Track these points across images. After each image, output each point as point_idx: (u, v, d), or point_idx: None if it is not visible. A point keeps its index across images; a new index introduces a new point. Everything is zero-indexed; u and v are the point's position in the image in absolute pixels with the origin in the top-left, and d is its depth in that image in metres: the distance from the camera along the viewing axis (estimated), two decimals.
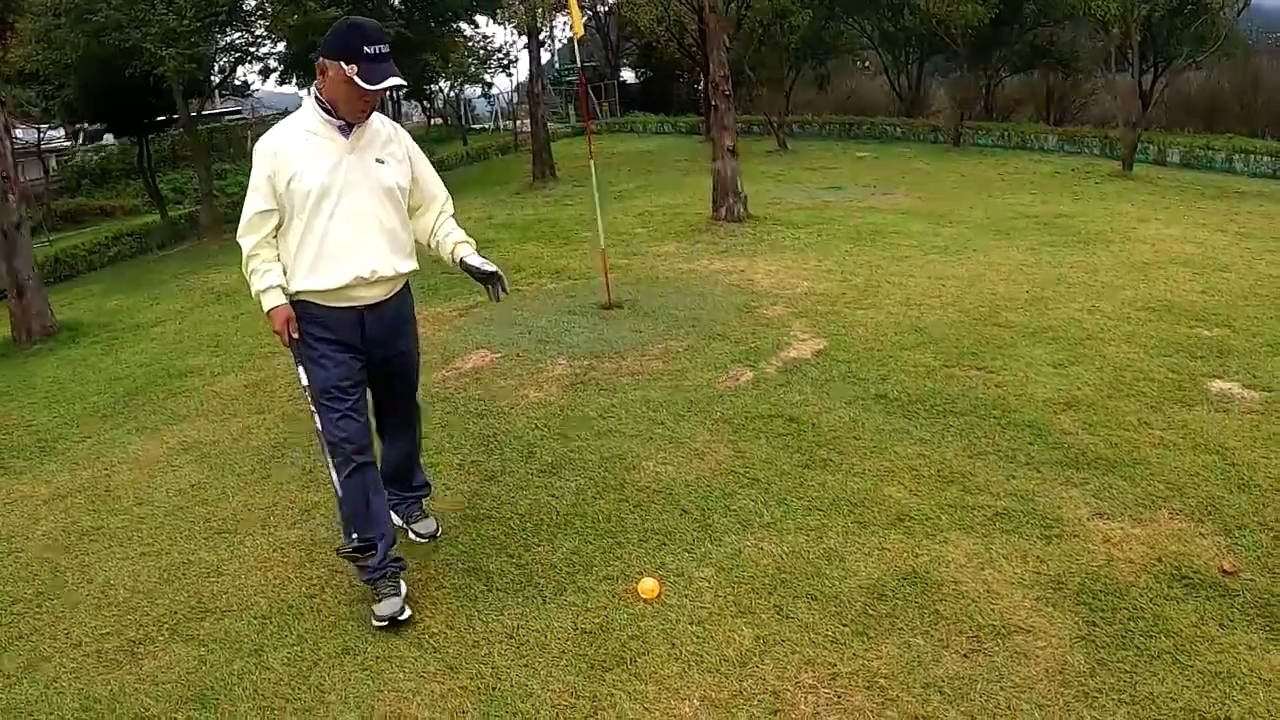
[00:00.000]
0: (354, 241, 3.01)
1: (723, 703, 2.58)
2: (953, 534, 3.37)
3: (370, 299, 3.11)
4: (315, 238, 2.98)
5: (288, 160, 2.94)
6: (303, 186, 2.93)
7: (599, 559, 3.36)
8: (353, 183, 3.00)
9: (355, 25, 2.89)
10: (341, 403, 3.08)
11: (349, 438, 3.07)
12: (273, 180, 2.95)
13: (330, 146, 2.98)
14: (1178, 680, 2.57)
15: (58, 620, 3.40)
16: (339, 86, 2.91)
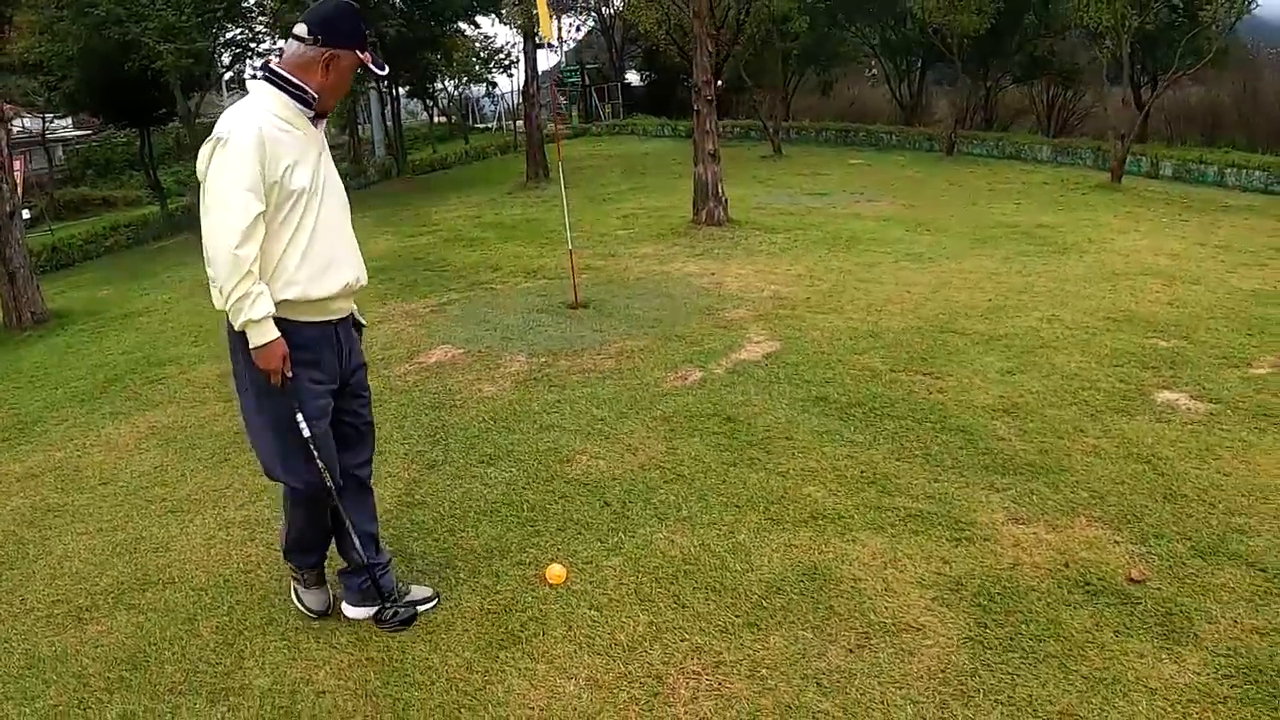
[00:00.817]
0: (336, 245, 2.76)
1: (607, 684, 2.68)
2: (863, 533, 3.46)
3: (343, 313, 2.86)
4: (304, 242, 2.65)
5: (276, 154, 2.56)
6: (295, 184, 2.61)
7: (516, 546, 3.47)
8: (330, 183, 2.77)
9: (355, 9, 2.69)
10: (326, 441, 2.81)
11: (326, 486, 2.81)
12: (262, 175, 2.55)
13: (306, 141, 2.67)
14: (1060, 684, 2.63)
15: (14, 588, 3.58)
16: (344, 76, 2.70)
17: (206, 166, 2.57)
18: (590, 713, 2.58)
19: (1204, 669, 2.66)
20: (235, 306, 2.56)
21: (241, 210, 2.52)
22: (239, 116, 2.58)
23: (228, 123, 2.57)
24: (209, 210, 2.55)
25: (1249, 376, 5.09)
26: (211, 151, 2.55)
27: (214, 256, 2.53)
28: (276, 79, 2.65)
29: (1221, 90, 24.79)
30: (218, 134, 2.55)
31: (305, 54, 2.65)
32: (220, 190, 2.53)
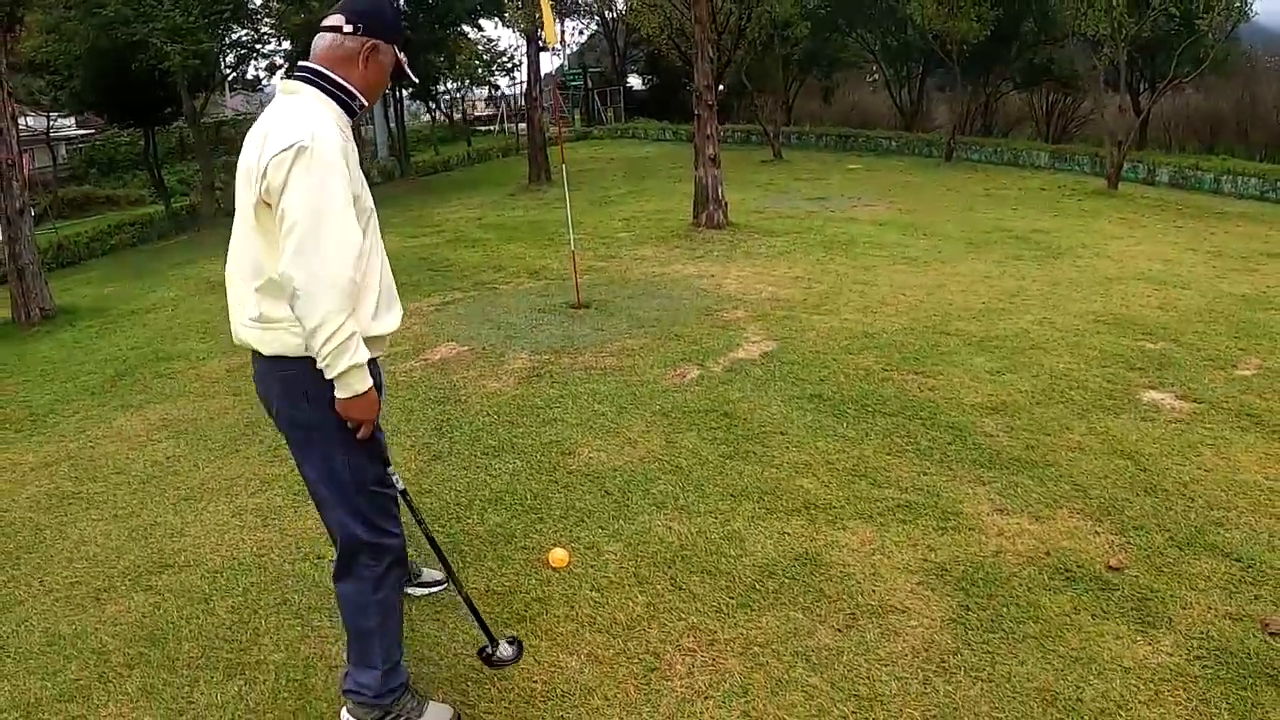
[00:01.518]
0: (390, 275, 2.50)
1: (606, 659, 2.82)
2: (852, 522, 3.60)
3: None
4: (377, 270, 2.37)
5: (350, 170, 2.23)
6: (367, 203, 2.35)
7: (520, 532, 3.61)
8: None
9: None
10: (392, 492, 2.51)
11: (401, 537, 2.55)
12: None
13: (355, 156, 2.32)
14: (1038, 663, 2.76)
15: (33, 571, 3.71)
16: (384, 72, 2.41)
17: (285, 177, 2.10)
18: (590, 686, 2.71)
19: (1177, 651, 2.79)
20: (340, 348, 2.14)
21: (353, 231, 2.16)
22: (313, 119, 2.18)
23: (303, 127, 2.14)
24: (307, 232, 2.09)
25: (1234, 378, 5.22)
26: (292, 161, 2.09)
27: (322, 288, 2.09)
28: (322, 80, 2.30)
29: (1221, 98, 24.99)
30: (296, 139, 2.11)
31: (343, 45, 2.32)
32: (321, 207, 2.10)
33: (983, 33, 18.15)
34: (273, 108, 2.31)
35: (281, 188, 2.11)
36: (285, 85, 2.35)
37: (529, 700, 2.67)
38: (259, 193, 2.17)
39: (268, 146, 2.16)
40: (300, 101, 2.27)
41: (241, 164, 2.29)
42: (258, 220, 2.22)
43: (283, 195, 2.11)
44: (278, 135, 2.15)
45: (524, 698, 2.68)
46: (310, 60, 2.35)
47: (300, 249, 2.09)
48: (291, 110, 2.23)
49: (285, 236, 2.11)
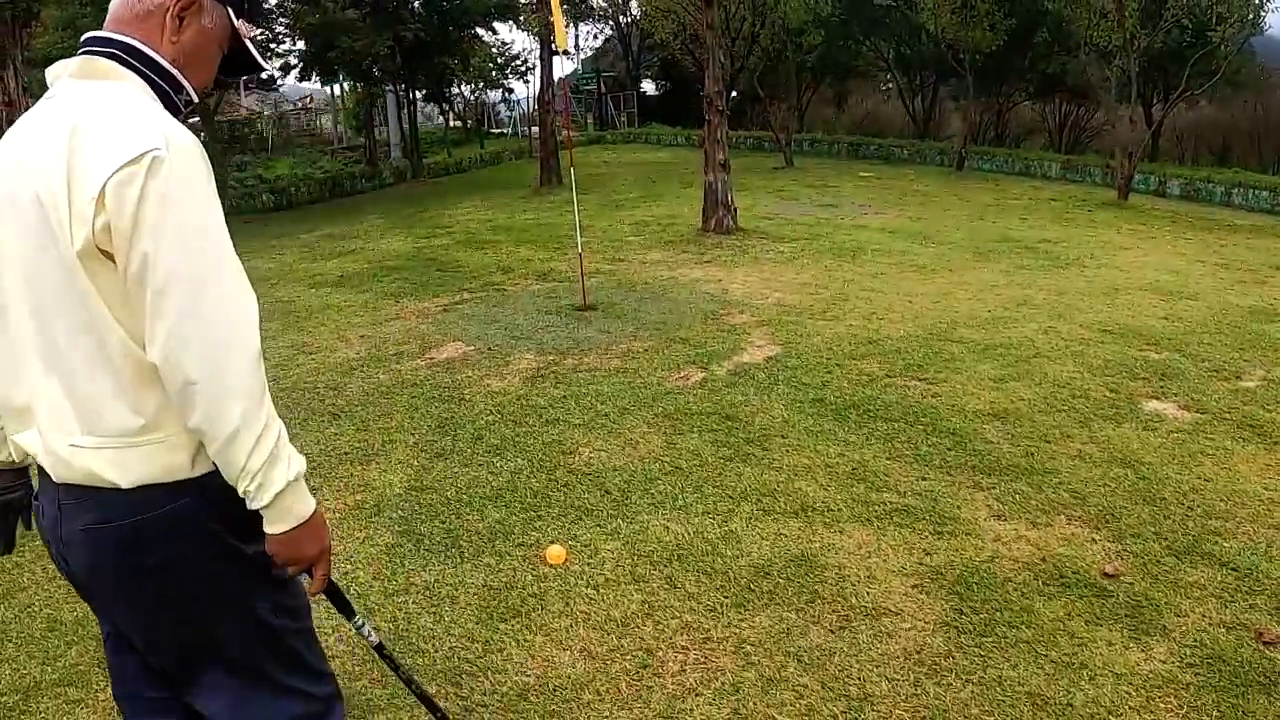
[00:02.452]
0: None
1: (600, 655, 2.84)
2: (849, 525, 3.62)
3: None
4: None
5: None
6: None
7: (519, 529, 3.64)
8: None
9: None
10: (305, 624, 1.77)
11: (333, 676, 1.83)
12: None
13: None
14: (1030, 667, 2.78)
15: (36, 559, 3.71)
16: (211, 49, 1.62)
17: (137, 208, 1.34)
18: (583, 681, 2.73)
19: (1170, 658, 2.80)
20: (272, 457, 1.45)
21: (243, 277, 1.46)
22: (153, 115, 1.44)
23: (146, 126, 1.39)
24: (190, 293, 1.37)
25: (1237, 389, 5.22)
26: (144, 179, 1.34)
27: (233, 375, 1.39)
28: (123, 52, 1.51)
29: (1233, 111, 24.94)
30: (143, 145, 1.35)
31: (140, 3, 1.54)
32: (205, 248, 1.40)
33: (996, 42, 18.18)
34: (64, 103, 1.46)
35: (134, 227, 1.34)
36: (76, 69, 1.50)
37: (522, 694, 2.69)
38: (91, 233, 1.35)
39: (86, 161, 1.36)
40: (118, 89, 1.47)
41: (23, 192, 1.42)
42: (88, 277, 1.39)
43: (139, 236, 1.34)
44: (103, 143, 1.37)
45: (517, 691, 2.70)
46: (106, 27, 1.55)
47: (183, 321, 1.36)
48: (109, 101, 1.44)
49: (156, 303, 1.36)
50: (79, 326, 1.42)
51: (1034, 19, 20.32)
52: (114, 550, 1.49)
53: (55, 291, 1.42)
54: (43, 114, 1.48)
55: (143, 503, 1.46)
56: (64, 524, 1.51)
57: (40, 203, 1.39)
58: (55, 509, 1.53)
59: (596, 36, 38.18)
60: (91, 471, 1.45)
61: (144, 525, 1.47)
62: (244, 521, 1.51)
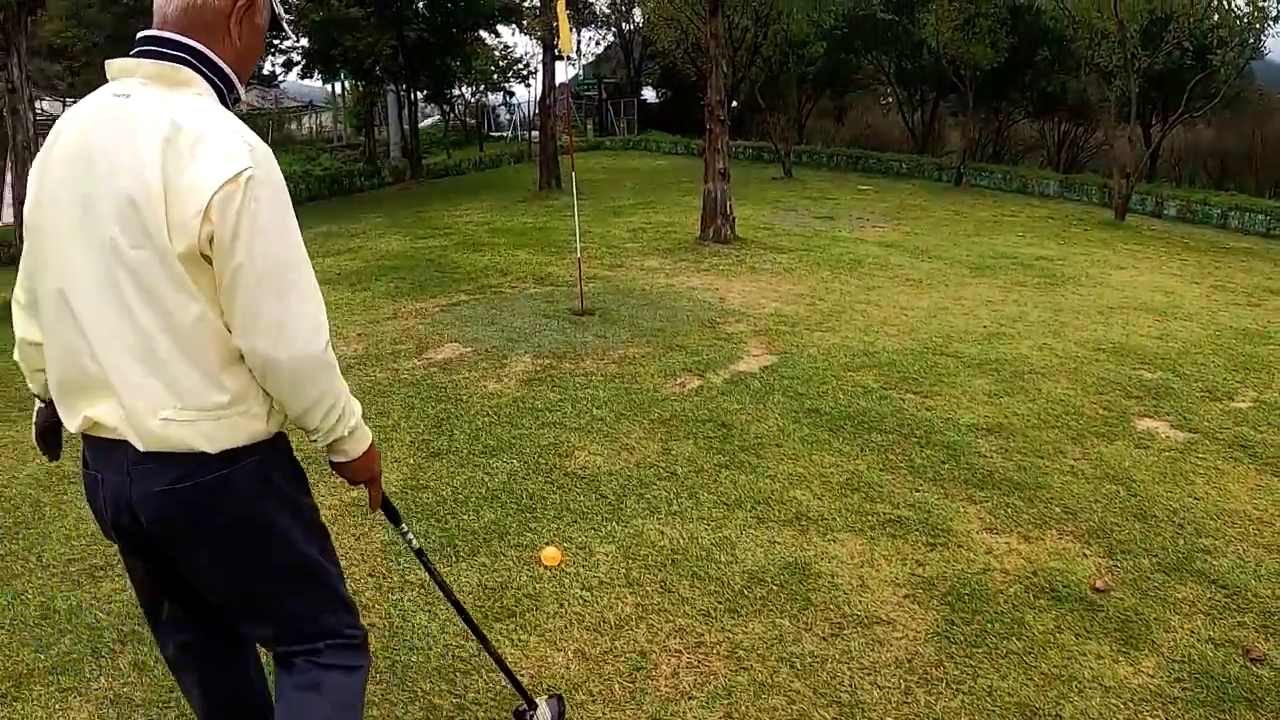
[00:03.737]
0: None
1: (594, 657, 2.86)
2: (843, 534, 3.64)
3: None
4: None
5: None
6: None
7: (514, 529, 3.65)
8: None
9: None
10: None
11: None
12: None
13: None
14: (1019, 678, 2.81)
15: (31, 546, 3.73)
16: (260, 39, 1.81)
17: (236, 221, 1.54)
18: (577, 682, 2.75)
19: (1158, 672, 2.83)
20: (345, 412, 1.76)
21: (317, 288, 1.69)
22: (238, 128, 1.61)
23: (236, 141, 1.58)
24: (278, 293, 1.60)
25: (1230, 409, 5.26)
26: (243, 195, 1.54)
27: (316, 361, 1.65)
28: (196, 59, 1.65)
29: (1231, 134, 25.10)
30: (240, 165, 1.55)
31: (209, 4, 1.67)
32: (289, 256, 1.63)
33: (997, 59, 18.28)
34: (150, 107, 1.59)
35: (234, 237, 1.54)
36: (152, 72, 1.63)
37: (516, 693, 2.70)
38: (195, 241, 1.54)
39: (187, 172, 1.53)
40: (200, 102, 1.62)
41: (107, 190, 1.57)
42: (185, 274, 1.57)
43: (237, 246, 1.55)
44: (204, 156, 1.54)
45: (511, 690, 2.71)
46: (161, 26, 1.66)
47: (282, 320, 1.60)
48: (199, 113, 1.59)
49: (250, 301, 1.58)
50: (170, 315, 1.59)
51: (1035, 37, 20.43)
52: (194, 504, 1.67)
53: (147, 284, 1.57)
54: (120, 115, 1.60)
55: (222, 463, 1.66)
56: (135, 488, 1.67)
57: (135, 205, 1.54)
58: (123, 475, 1.68)
59: (599, 42, 38.28)
60: (181, 440, 1.63)
61: (221, 482, 1.67)
62: (300, 476, 1.83)
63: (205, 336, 1.61)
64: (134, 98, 1.60)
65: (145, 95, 1.60)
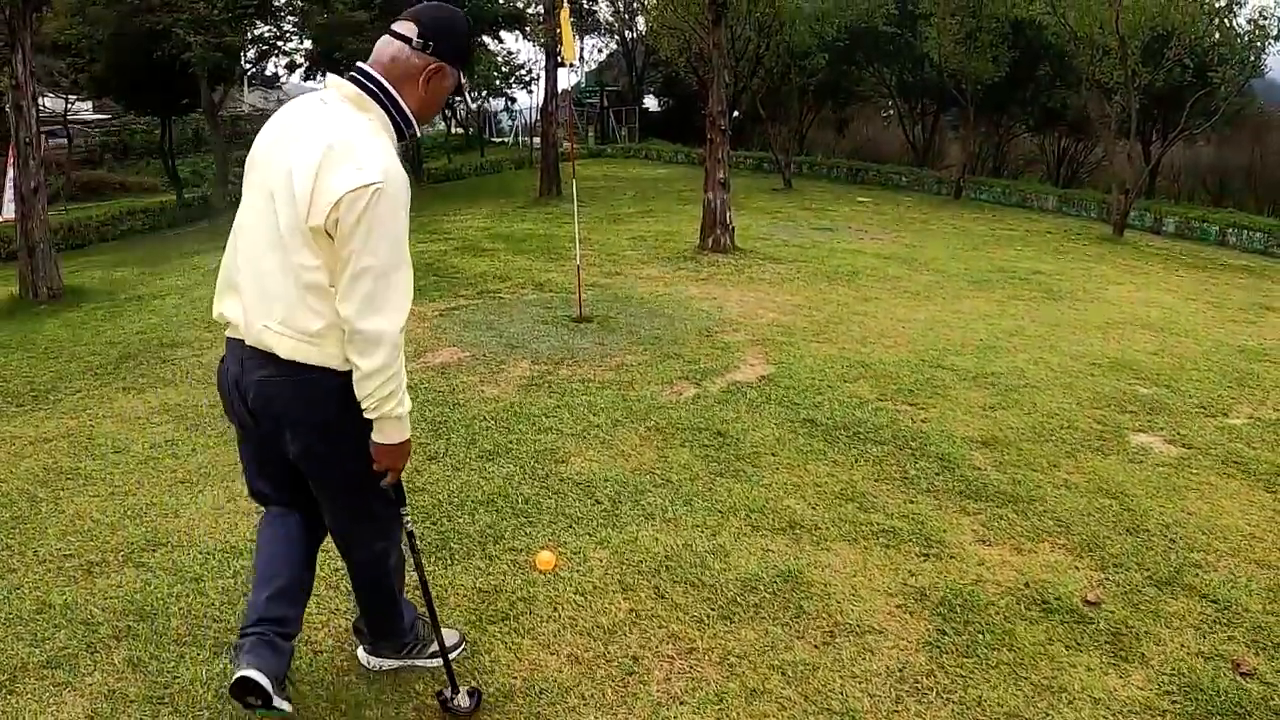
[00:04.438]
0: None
1: (586, 661, 2.88)
2: (837, 544, 3.66)
3: None
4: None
5: None
6: None
7: (510, 534, 3.67)
8: None
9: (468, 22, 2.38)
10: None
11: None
12: None
13: None
14: (1009, 689, 2.82)
15: (26, 541, 3.74)
16: (441, 97, 2.34)
17: (358, 221, 2.05)
18: (569, 685, 2.76)
19: (1147, 685, 2.85)
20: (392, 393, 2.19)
21: (411, 276, 2.19)
22: (385, 152, 2.13)
23: (377, 161, 2.09)
24: (379, 284, 2.09)
25: (1224, 426, 5.29)
26: (368, 203, 2.05)
27: (388, 340, 2.12)
28: (387, 100, 2.21)
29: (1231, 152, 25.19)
30: (373, 179, 2.05)
31: (409, 60, 2.22)
32: (395, 259, 2.12)
33: (998, 74, 18.34)
34: (334, 116, 2.17)
35: (353, 230, 2.05)
36: (350, 94, 2.21)
37: (508, 695, 2.72)
38: (323, 221, 2.06)
39: (334, 171, 2.06)
40: (369, 126, 2.17)
41: (282, 160, 2.15)
42: (312, 239, 2.10)
43: (354, 238, 2.06)
44: (349, 163, 2.06)
45: (504, 693, 2.73)
46: (372, 65, 2.24)
47: (371, 300, 2.09)
48: (361, 133, 2.13)
49: (354, 281, 2.08)
50: (292, 263, 2.14)
51: (1037, 53, 20.49)
52: (277, 395, 2.27)
53: (286, 237, 2.13)
54: (315, 113, 2.20)
55: (301, 371, 2.21)
56: (245, 375, 2.30)
57: (293, 182, 2.10)
58: (238, 365, 2.33)
59: (601, 50, 38.38)
60: (274, 346, 2.20)
61: (296, 384, 2.23)
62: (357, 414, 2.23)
63: (311, 285, 2.14)
64: (329, 106, 2.20)
65: (337, 108, 2.20)
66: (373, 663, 2.83)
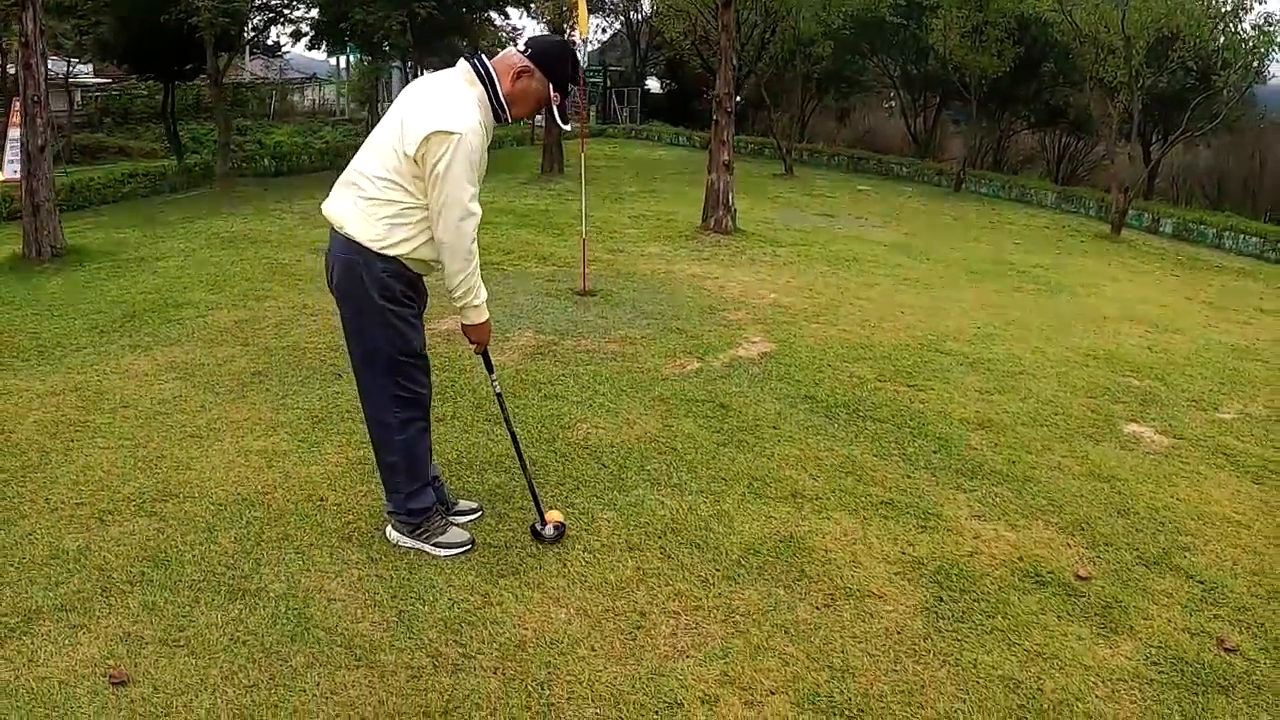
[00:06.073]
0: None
1: (594, 615, 2.96)
2: (837, 513, 3.75)
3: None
4: None
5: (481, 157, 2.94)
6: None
7: (518, 493, 3.74)
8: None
9: (575, 58, 3.07)
10: (424, 361, 3.19)
11: (427, 394, 3.24)
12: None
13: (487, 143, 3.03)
14: (1004, 654, 2.92)
15: (39, 489, 3.78)
16: (528, 95, 3.00)
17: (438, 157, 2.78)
18: (578, 638, 2.85)
19: (1135, 656, 2.95)
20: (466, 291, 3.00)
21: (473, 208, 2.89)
22: (472, 116, 2.84)
23: (465, 120, 2.81)
24: (448, 208, 2.85)
25: (1214, 419, 5.39)
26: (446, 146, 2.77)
27: (458, 250, 2.90)
28: (487, 79, 2.94)
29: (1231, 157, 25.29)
30: (458, 129, 2.76)
31: (510, 58, 3.01)
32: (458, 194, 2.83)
33: (1002, 69, 18.36)
34: (454, 82, 2.95)
35: (435, 163, 2.79)
36: (465, 72, 2.96)
37: (520, 645, 2.80)
38: (413, 150, 2.81)
39: (435, 113, 2.81)
40: (471, 94, 2.91)
41: (407, 98, 2.97)
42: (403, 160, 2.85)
43: (434, 169, 2.80)
44: (446, 114, 2.80)
45: (515, 642, 2.81)
46: (491, 58, 3.03)
47: (445, 218, 2.86)
48: (464, 98, 2.88)
49: (435, 204, 2.86)
50: (386, 173, 2.90)
51: (1042, 50, 20.52)
52: (339, 271, 3.01)
53: (385, 155, 2.91)
54: (436, 80, 3.00)
55: (359, 254, 2.94)
56: (332, 254, 3.03)
57: (403, 119, 2.88)
58: (332, 245, 3.04)
59: (605, 30, 38.23)
60: (351, 231, 2.94)
61: (350, 263, 2.96)
62: (389, 290, 2.97)
63: (393, 194, 2.89)
64: (446, 76, 2.99)
65: (453, 77, 2.97)
66: (393, 537, 3.33)
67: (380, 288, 2.95)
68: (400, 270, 2.97)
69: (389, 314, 2.98)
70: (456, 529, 3.36)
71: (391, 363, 3.05)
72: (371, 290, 2.95)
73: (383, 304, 2.96)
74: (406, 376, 3.10)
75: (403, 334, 3.04)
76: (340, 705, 2.54)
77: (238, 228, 10.88)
